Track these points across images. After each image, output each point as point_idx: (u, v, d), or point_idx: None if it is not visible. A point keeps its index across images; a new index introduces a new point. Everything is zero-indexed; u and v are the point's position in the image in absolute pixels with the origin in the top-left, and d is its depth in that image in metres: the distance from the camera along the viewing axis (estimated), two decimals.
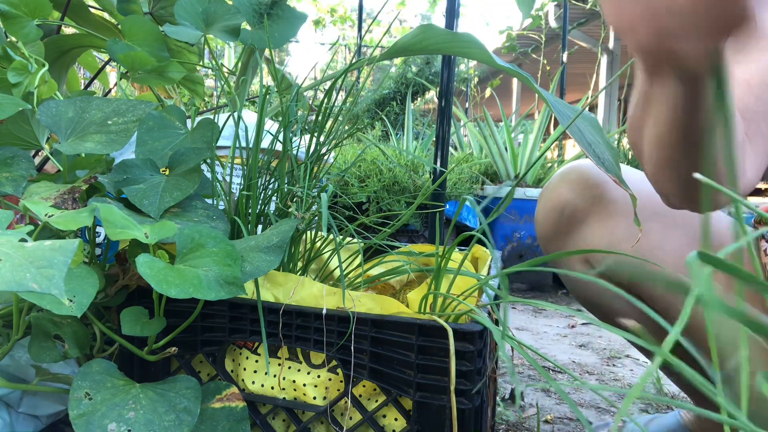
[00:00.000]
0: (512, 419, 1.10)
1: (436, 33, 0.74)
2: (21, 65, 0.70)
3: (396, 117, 3.81)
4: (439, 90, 1.64)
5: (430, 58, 3.87)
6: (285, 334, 0.62)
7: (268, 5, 0.88)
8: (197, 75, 1.02)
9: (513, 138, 2.80)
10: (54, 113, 0.69)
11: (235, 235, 0.75)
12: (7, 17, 0.73)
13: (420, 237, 2.15)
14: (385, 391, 0.61)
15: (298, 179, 0.76)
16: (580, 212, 0.76)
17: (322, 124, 0.79)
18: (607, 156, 0.63)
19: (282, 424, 0.66)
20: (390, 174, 2.03)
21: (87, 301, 0.51)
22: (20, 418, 0.74)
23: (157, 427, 0.53)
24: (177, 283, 0.53)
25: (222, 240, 0.59)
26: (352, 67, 0.80)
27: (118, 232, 0.55)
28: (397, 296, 0.89)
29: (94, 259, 0.71)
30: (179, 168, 0.71)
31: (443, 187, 1.69)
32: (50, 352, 0.63)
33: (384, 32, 2.61)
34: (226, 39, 0.85)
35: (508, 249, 2.53)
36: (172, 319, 0.64)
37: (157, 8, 0.99)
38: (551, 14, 5.15)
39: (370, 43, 6.23)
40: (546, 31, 4.89)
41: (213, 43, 1.97)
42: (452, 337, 0.55)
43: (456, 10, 1.56)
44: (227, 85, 0.88)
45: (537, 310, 2.20)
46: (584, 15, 5.40)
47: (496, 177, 2.79)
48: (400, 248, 0.87)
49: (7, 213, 0.50)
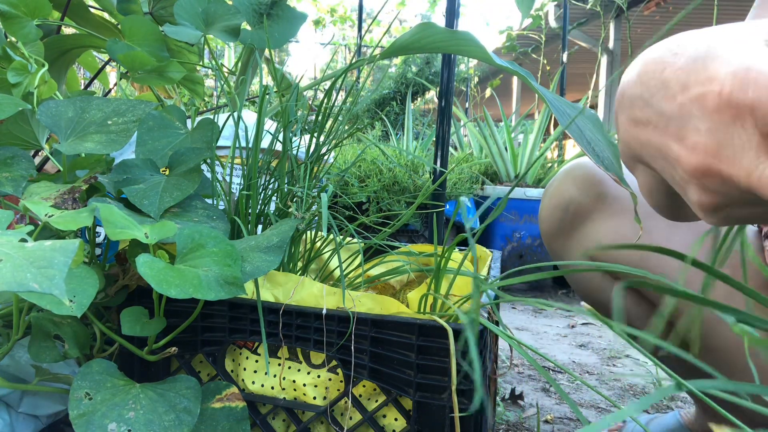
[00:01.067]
0: (512, 419, 1.10)
1: (435, 31, 0.74)
2: (21, 65, 0.70)
3: (396, 117, 3.81)
4: (439, 90, 1.64)
5: (430, 58, 3.87)
6: (285, 334, 0.62)
7: (268, 5, 0.88)
8: (197, 75, 1.02)
9: (513, 138, 2.80)
10: (54, 113, 0.69)
11: (235, 235, 0.75)
12: (6, 17, 0.73)
13: (420, 237, 2.15)
14: (385, 391, 0.61)
15: (298, 179, 0.76)
16: (584, 209, 0.76)
17: (322, 124, 0.79)
18: (607, 154, 0.62)
19: (282, 424, 0.66)
20: (390, 174, 2.03)
21: (87, 301, 0.51)
22: (20, 418, 0.74)
23: (157, 427, 0.53)
24: (177, 283, 0.53)
25: (222, 240, 0.59)
26: (351, 67, 0.80)
27: (118, 232, 0.55)
28: (397, 296, 0.89)
29: (94, 259, 0.71)
30: (179, 168, 0.71)
31: (443, 187, 1.69)
32: (50, 352, 0.63)
33: (384, 32, 2.61)
34: (226, 39, 0.85)
35: (508, 249, 2.53)
36: (172, 319, 0.64)
37: (157, 8, 0.99)
38: (551, 14, 5.15)
39: (370, 43, 6.23)
40: (546, 31, 4.89)
41: (213, 43, 1.97)
42: (452, 337, 0.55)
43: (456, 10, 1.56)
44: (227, 85, 0.88)
45: (537, 310, 2.20)
46: (584, 15, 5.40)
47: (496, 177, 2.79)
48: (400, 248, 0.87)
49: (7, 213, 0.50)
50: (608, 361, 1.56)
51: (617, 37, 5.59)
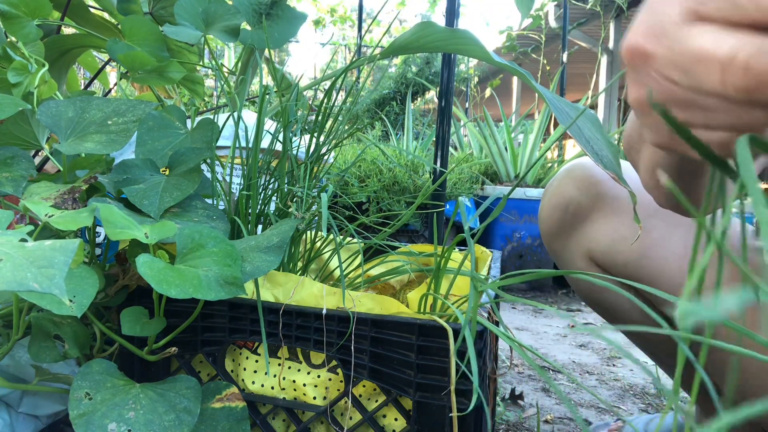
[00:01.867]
0: (512, 419, 1.10)
1: (435, 30, 0.74)
2: (21, 65, 0.70)
3: (396, 117, 3.81)
4: (439, 90, 1.64)
5: (429, 58, 3.87)
6: (285, 334, 0.62)
7: (268, 5, 0.88)
8: (197, 75, 1.02)
9: (513, 138, 2.80)
10: (54, 113, 0.69)
11: (235, 235, 0.75)
12: (7, 17, 0.73)
13: (420, 237, 2.15)
14: (385, 391, 0.61)
15: (298, 179, 0.76)
16: (584, 209, 0.76)
17: (322, 124, 0.79)
18: (606, 153, 0.62)
19: (282, 424, 0.66)
20: (390, 174, 2.03)
21: (87, 301, 0.51)
22: (20, 418, 0.74)
23: (157, 427, 0.53)
24: (177, 283, 0.53)
25: (222, 240, 0.59)
26: (351, 67, 0.80)
27: (118, 232, 0.55)
28: (397, 296, 0.89)
29: (94, 259, 0.71)
30: (179, 168, 0.71)
31: (443, 187, 1.69)
32: (50, 352, 0.63)
33: (384, 32, 2.61)
34: (226, 39, 0.85)
35: (508, 249, 2.53)
36: (172, 319, 0.64)
37: (157, 8, 0.99)
38: (551, 14, 5.15)
39: (370, 43, 6.23)
40: (546, 31, 4.89)
41: (213, 43, 1.97)
42: (452, 337, 0.55)
43: (456, 10, 1.56)
44: (227, 85, 0.88)
45: (537, 310, 2.20)
46: (584, 15, 5.40)
47: (496, 177, 2.79)
48: (400, 248, 0.87)
49: (7, 213, 0.50)
50: (608, 361, 1.56)
51: (617, 37, 5.59)
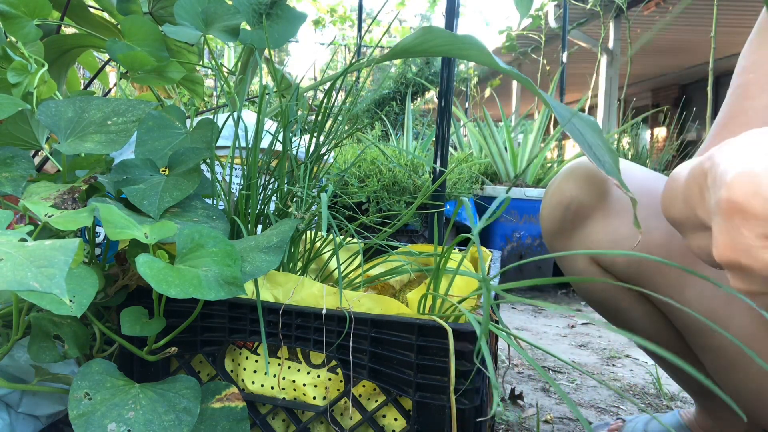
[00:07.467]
0: (512, 419, 1.10)
1: (438, 35, 0.74)
2: (21, 65, 0.70)
3: (396, 117, 3.81)
4: (438, 90, 1.64)
5: (429, 59, 3.87)
6: (285, 334, 0.62)
7: (268, 5, 0.88)
8: (197, 75, 1.02)
9: (513, 138, 2.80)
10: (53, 113, 0.69)
11: (235, 235, 0.75)
12: (6, 17, 0.73)
13: (420, 237, 2.15)
14: (385, 391, 0.61)
15: (298, 179, 0.76)
16: (585, 208, 0.76)
17: (322, 124, 0.79)
18: (608, 158, 0.63)
19: (282, 424, 0.66)
20: (390, 174, 2.03)
21: (87, 301, 0.51)
22: (20, 418, 0.74)
23: (157, 427, 0.53)
24: (177, 283, 0.53)
25: (222, 240, 0.59)
26: (351, 68, 0.80)
27: (117, 232, 0.55)
28: (397, 296, 0.89)
29: (94, 259, 0.71)
30: (179, 168, 0.71)
31: (443, 187, 1.69)
32: (50, 352, 0.63)
33: (384, 32, 2.61)
34: (226, 39, 0.85)
35: (508, 249, 2.53)
36: (171, 319, 0.64)
37: (157, 8, 0.99)
38: (551, 14, 5.15)
39: (370, 43, 6.23)
40: (546, 31, 4.90)
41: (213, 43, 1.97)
42: (452, 337, 0.55)
43: (456, 10, 1.56)
44: (227, 85, 0.88)
45: (537, 310, 2.20)
46: (584, 15, 5.39)
47: (496, 177, 2.79)
48: (400, 248, 0.87)
49: (7, 213, 0.50)
50: (608, 361, 1.56)
51: (617, 37, 5.59)
